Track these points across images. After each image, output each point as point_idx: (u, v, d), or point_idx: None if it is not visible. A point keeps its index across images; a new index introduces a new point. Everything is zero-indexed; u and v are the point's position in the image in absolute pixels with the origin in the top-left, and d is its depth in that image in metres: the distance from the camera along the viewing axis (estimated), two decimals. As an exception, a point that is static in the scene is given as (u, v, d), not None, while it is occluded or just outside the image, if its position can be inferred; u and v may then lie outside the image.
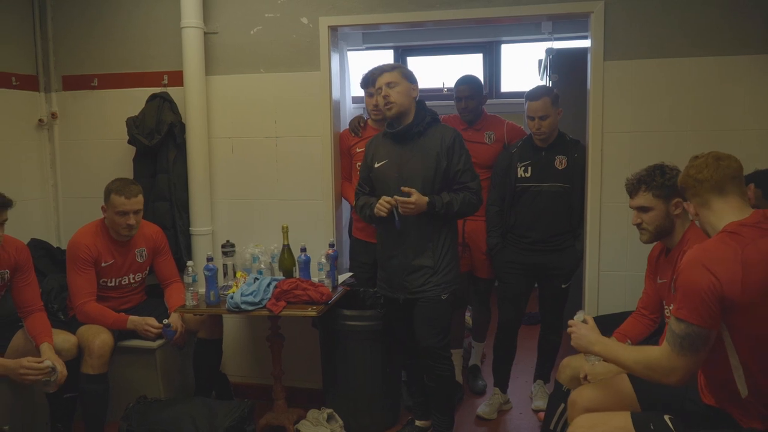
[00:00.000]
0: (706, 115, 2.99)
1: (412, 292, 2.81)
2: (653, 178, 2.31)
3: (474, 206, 2.82)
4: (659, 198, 2.30)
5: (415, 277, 2.80)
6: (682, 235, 2.32)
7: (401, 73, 2.79)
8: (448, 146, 2.76)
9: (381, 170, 2.85)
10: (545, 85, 3.81)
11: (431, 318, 2.81)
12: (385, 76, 2.77)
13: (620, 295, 3.08)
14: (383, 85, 2.77)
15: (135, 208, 3.02)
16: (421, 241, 2.78)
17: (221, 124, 3.49)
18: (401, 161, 2.80)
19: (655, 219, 2.32)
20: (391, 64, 2.84)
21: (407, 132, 2.79)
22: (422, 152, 2.78)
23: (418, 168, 2.76)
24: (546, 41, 4.96)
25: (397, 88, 2.76)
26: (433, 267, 2.78)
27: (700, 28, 2.96)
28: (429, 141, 2.78)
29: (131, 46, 3.56)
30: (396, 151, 2.82)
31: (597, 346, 2.05)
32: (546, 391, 3.34)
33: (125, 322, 3.02)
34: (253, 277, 3.02)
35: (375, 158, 2.89)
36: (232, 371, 3.56)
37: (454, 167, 2.77)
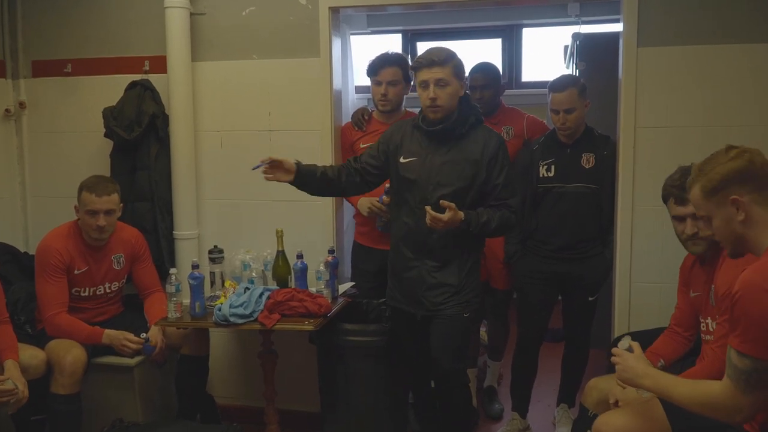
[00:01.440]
0: (753, 109, 3.00)
1: (430, 309, 2.78)
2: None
3: (512, 226, 2.79)
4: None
5: (435, 294, 2.76)
6: None
7: (454, 69, 2.67)
8: (491, 156, 2.70)
9: (407, 168, 2.77)
10: (571, 75, 3.83)
11: (450, 336, 2.78)
12: (435, 70, 2.64)
13: (655, 310, 3.08)
14: (431, 81, 2.65)
15: (106, 207, 3.03)
16: (447, 257, 2.74)
17: (209, 116, 3.51)
18: (433, 163, 2.72)
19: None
20: (444, 55, 2.66)
21: (447, 132, 2.72)
22: (460, 158, 2.70)
23: (453, 176, 2.69)
24: (573, 25, 4.97)
25: (448, 88, 2.65)
26: (457, 286, 2.75)
27: (747, 11, 2.96)
28: (470, 146, 2.71)
29: (109, 28, 3.58)
30: (429, 150, 2.74)
31: (646, 379, 2.02)
32: (570, 417, 3.34)
33: (100, 337, 3.04)
34: (243, 286, 3.04)
35: (400, 151, 2.80)
36: (219, 392, 3.57)
37: (494, 180, 2.71)
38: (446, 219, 2.56)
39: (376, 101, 3.37)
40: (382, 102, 3.32)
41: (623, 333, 3.08)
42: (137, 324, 3.18)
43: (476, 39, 5.52)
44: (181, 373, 3.23)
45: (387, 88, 3.28)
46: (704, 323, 2.39)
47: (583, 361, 3.42)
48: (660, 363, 2.51)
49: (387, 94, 3.28)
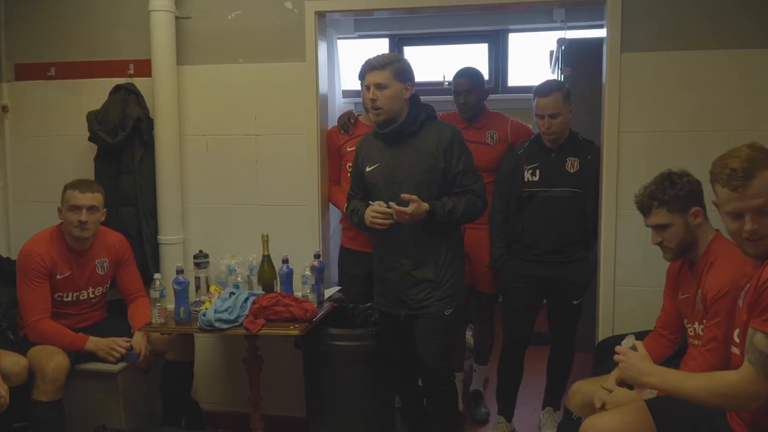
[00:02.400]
0: (737, 114, 3.02)
1: (413, 307, 2.83)
2: (664, 192, 2.34)
3: (479, 210, 2.84)
4: (675, 212, 2.33)
5: (416, 291, 2.82)
6: (707, 245, 2.36)
7: (392, 73, 2.76)
8: (446, 146, 2.78)
9: (373, 175, 2.87)
10: (556, 80, 3.85)
11: (433, 335, 2.82)
12: (374, 74, 2.76)
13: (638, 313, 3.09)
14: (371, 85, 2.76)
15: (89, 203, 3.02)
16: (422, 252, 2.81)
17: (194, 120, 3.50)
18: (394, 164, 2.82)
19: (677, 235, 2.35)
20: (382, 60, 2.78)
21: (399, 133, 2.81)
22: (417, 154, 2.79)
23: (413, 171, 2.78)
24: (558, 30, 5.01)
25: (387, 91, 2.75)
26: (435, 281, 2.81)
27: (729, 17, 3.00)
28: (424, 141, 2.80)
29: (93, 31, 3.57)
30: (388, 153, 2.85)
31: (652, 377, 2.02)
32: (555, 420, 3.36)
33: (84, 343, 3.02)
34: (228, 291, 3.03)
35: (366, 161, 2.91)
36: (204, 397, 3.55)
37: (454, 169, 2.79)
38: (410, 211, 2.66)
39: (366, 106, 3.37)
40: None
41: (609, 336, 3.12)
42: (121, 330, 3.16)
43: (463, 44, 5.54)
44: (166, 378, 3.21)
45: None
46: (691, 328, 2.41)
47: (568, 365, 3.43)
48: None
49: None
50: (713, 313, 2.24)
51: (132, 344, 3.03)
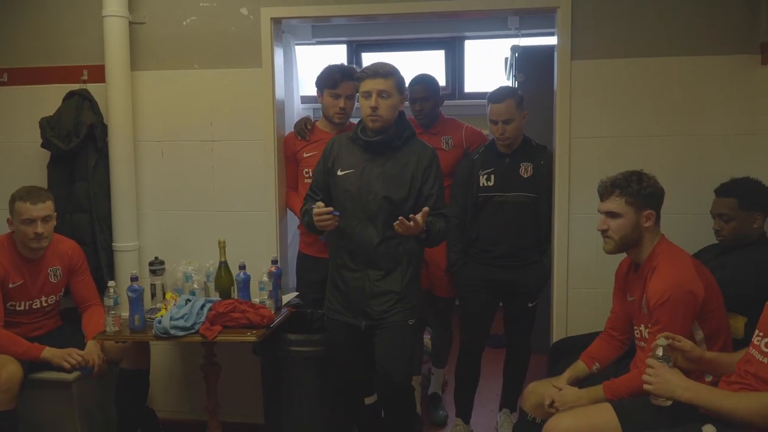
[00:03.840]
0: (684, 120, 3.10)
1: (375, 318, 2.79)
2: (629, 184, 2.39)
3: (449, 237, 2.90)
4: (631, 206, 2.39)
5: (380, 302, 2.78)
6: (652, 249, 2.41)
7: (395, 83, 2.74)
8: (426, 167, 2.77)
9: (344, 180, 2.81)
10: (509, 86, 3.90)
11: (395, 344, 2.79)
12: (378, 81, 2.70)
13: (591, 315, 3.13)
14: (374, 92, 2.70)
15: (43, 214, 2.97)
16: (390, 265, 2.78)
17: (149, 126, 3.46)
18: (370, 175, 2.77)
19: (623, 228, 2.40)
20: (387, 69, 2.74)
21: (385, 144, 2.77)
22: (396, 169, 2.76)
23: (390, 186, 2.74)
24: (513, 38, 5.08)
25: (389, 100, 2.72)
26: (400, 292, 2.78)
27: (675, 26, 3.07)
28: (404, 157, 2.78)
29: (46, 37, 3.51)
30: (365, 162, 2.79)
31: (687, 392, 2.00)
32: (512, 421, 3.38)
33: (39, 352, 2.95)
34: (184, 298, 3.00)
35: (338, 164, 2.84)
36: (160, 406, 3.51)
37: (428, 190, 2.77)
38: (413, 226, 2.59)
39: (332, 114, 3.36)
40: (339, 115, 3.34)
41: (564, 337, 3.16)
42: (76, 338, 3.11)
43: (420, 50, 5.58)
44: (121, 387, 3.17)
45: (346, 102, 3.31)
46: (637, 330, 2.47)
47: (524, 367, 3.47)
48: (595, 366, 2.56)
49: (345, 108, 3.32)
50: (655, 320, 2.29)
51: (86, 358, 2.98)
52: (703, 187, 2.87)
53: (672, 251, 2.39)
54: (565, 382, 2.51)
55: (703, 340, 2.29)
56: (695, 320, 2.28)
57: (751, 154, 3.03)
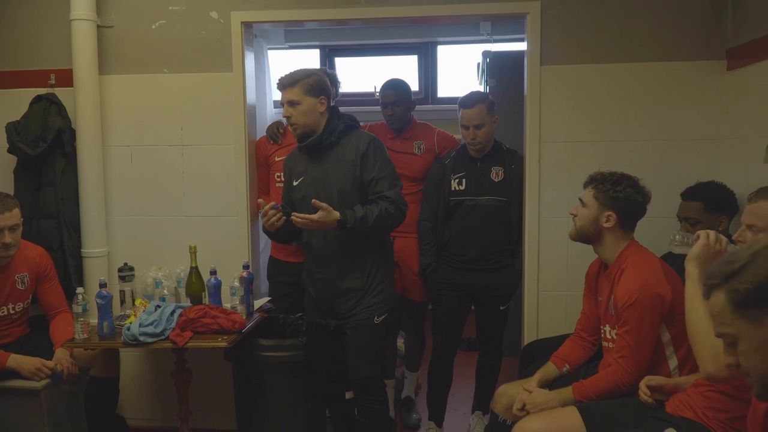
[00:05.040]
0: (651, 124, 3.14)
1: (342, 317, 2.82)
2: (603, 182, 2.44)
3: (394, 217, 2.77)
4: (596, 200, 2.43)
5: (343, 301, 2.81)
6: (621, 252, 2.42)
7: (303, 88, 2.75)
8: (363, 153, 2.78)
9: (299, 188, 2.86)
10: (480, 91, 3.89)
11: (363, 343, 2.82)
12: (286, 92, 2.76)
13: (562, 317, 3.18)
14: (284, 102, 2.76)
15: (10, 223, 2.92)
16: (347, 262, 2.80)
17: (118, 131, 3.43)
18: (317, 176, 2.82)
19: (584, 218, 2.45)
20: (293, 77, 2.77)
21: (318, 145, 2.80)
22: (337, 164, 2.80)
23: (335, 182, 2.78)
24: (485, 43, 5.10)
25: (300, 107, 2.75)
26: (363, 289, 2.80)
27: (642, 32, 3.11)
28: (344, 150, 2.80)
29: (12, 40, 3.46)
30: (311, 165, 2.85)
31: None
32: (485, 423, 3.38)
33: (5, 361, 2.91)
34: (154, 304, 2.95)
35: (293, 175, 2.91)
36: (131, 413, 3.48)
37: (368, 175, 2.78)
38: (316, 218, 2.63)
39: None
40: None
41: (535, 339, 3.17)
42: (44, 346, 3.07)
43: (393, 55, 5.57)
44: (91, 395, 3.11)
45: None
46: (603, 330, 2.48)
47: (495, 369, 3.48)
48: (565, 368, 2.58)
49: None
50: (623, 321, 2.31)
51: (55, 366, 2.93)
52: (670, 190, 2.91)
53: (641, 254, 2.41)
54: (536, 384, 2.52)
55: (670, 342, 2.32)
56: (663, 322, 2.30)
57: (717, 158, 3.08)
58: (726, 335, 1.42)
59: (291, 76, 2.78)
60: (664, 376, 2.26)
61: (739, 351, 1.39)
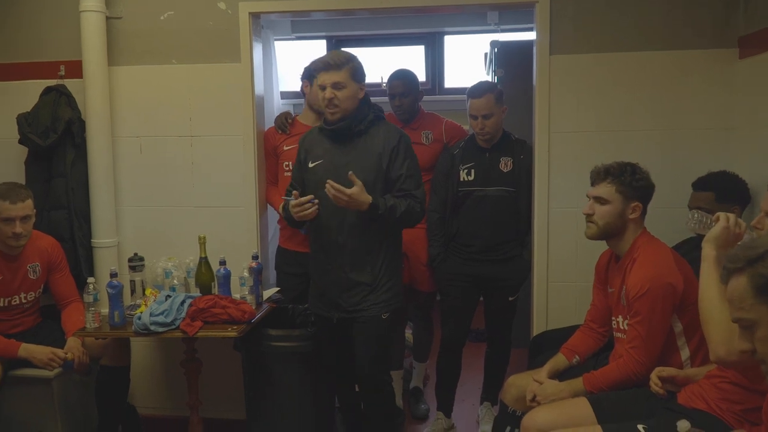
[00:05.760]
0: (662, 114, 3.11)
1: (348, 311, 2.79)
2: (623, 173, 2.41)
3: (417, 217, 2.79)
4: (621, 194, 2.40)
5: (351, 295, 2.77)
6: (633, 242, 2.41)
7: (350, 73, 2.71)
8: (392, 147, 2.73)
9: (315, 171, 2.79)
10: (488, 81, 3.89)
11: (369, 340, 2.79)
12: (331, 74, 2.69)
13: (571, 308, 3.16)
14: (328, 85, 2.69)
15: (22, 214, 2.93)
16: (360, 254, 2.75)
17: (127, 122, 3.42)
18: (339, 162, 2.75)
19: (608, 215, 2.41)
20: (339, 59, 2.71)
21: (346, 130, 2.75)
22: (363, 153, 2.74)
23: (357, 171, 2.69)
24: (492, 33, 5.07)
25: (345, 91, 2.69)
26: (371, 284, 2.76)
27: (653, 21, 3.07)
28: (371, 141, 2.75)
29: (22, 32, 3.46)
30: (333, 150, 2.78)
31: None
32: (493, 414, 3.38)
33: (16, 350, 2.92)
34: (164, 294, 2.96)
35: (309, 156, 2.83)
36: (141, 402, 3.49)
37: (396, 171, 2.74)
38: (349, 192, 2.57)
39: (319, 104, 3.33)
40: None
41: (544, 330, 3.16)
42: (55, 335, 3.09)
43: (400, 46, 5.56)
44: (102, 384, 3.13)
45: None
46: (615, 321, 2.47)
47: (504, 360, 3.48)
48: (575, 359, 2.57)
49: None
50: (635, 312, 2.30)
51: (66, 354, 2.94)
52: (681, 181, 2.89)
53: (652, 244, 2.40)
54: (545, 375, 2.52)
55: (682, 332, 2.31)
56: (674, 312, 2.29)
57: (728, 148, 3.05)
58: (743, 320, 1.41)
59: (337, 57, 2.72)
60: (676, 367, 2.25)
61: (757, 337, 1.39)
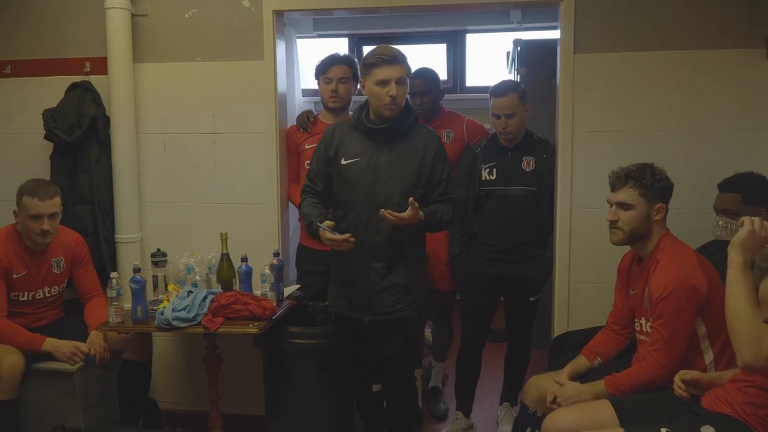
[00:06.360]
0: (687, 114, 3.07)
1: (381, 312, 2.72)
2: (643, 176, 2.38)
3: (457, 221, 2.78)
4: (644, 198, 2.37)
5: (385, 296, 2.70)
6: (656, 243, 2.39)
7: (407, 69, 2.66)
8: (435, 152, 2.70)
9: (349, 169, 2.70)
10: (512, 80, 3.87)
11: (402, 340, 2.76)
12: (395, 69, 2.59)
13: (593, 309, 3.12)
14: (392, 79, 2.58)
15: (50, 211, 2.96)
16: (393, 257, 2.69)
17: (151, 118, 3.45)
18: (378, 162, 2.67)
19: (633, 219, 2.38)
20: (401, 53, 2.63)
21: (391, 131, 2.67)
22: (403, 155, 2.67)
23: (399, 172, 2.66)
24: (515, 31, 5.04)
25: (404, 87, 2.63)
26: (406, 285, 2.71)
27: (679, 20, 3.04)
28: (411, 143, 2.69)
29: (49, 29, 3.49)
30: (371, 149, 2.69)
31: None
32: (513, 415, 3.37)
33: (40, 344, 2.95)
34: (186, 290, 2.98)
35: (341, 153, 2.73)
36: (162, 396, 3.51)
37: (438, 175, 2.70)
38: (407, 217, 2.52)
39: (325, 99, 3.36)
40: (332, 99, 3.33)
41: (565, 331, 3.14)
42: (79, 329, 3.11)
43: (422, 44, 5.55)
44: (124, 378, 3.16)
45: (337, 84, 3.31)
46: (638, 323, 2.45)
47: (524, 361, 3.45)
48: (597, 361, 2.55)
49: (337, 91, 3.31)
50: (658, 314, 2.28)
51: (89, 349, 2.97)
52: (706, 182, 2.85)
53: (676, 245, 2.37)
54: (566, 377, 2.50)
55: (705, 335, 2.28)
56: (698, 315, 2.26)
57: (755, 148, 3.01)
58: None
59: (397, 51, 2.63)
60: (700, 370, 2.23)
61: None
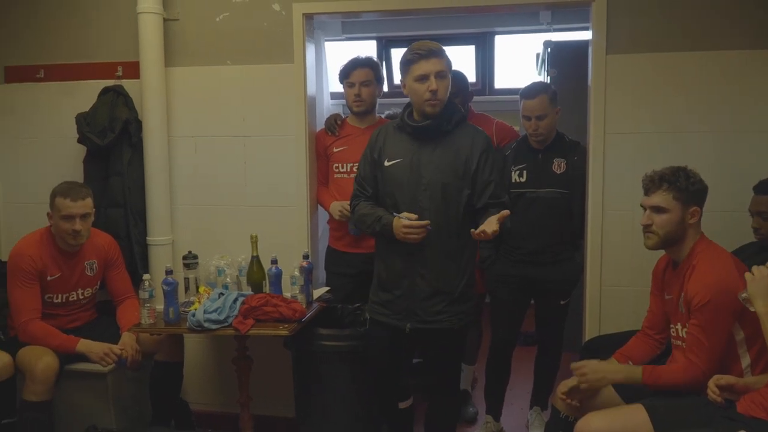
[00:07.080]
0: (720, 115, 3.03)
1: (426, 320, 2.62)
2: (677, 179, 2.34)
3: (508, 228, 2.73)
4: (679, 201, 2.34)
5: (431, 304, 2.60)
6: (692, 247, 2.35)
7: (448, 62, 2.56)
8: (482, 151, 2.59)
9: (393, 171, 2.62)
10: (542, 82, 3.85)
11: (449, 353, 2.72)
12: (434, 62, 2.49)
13: (625, 313, 3.10)
14: (431, 74, 2.49)
15: (82, 211, 3.00)
16: (445, 261, 2.59)
17: (183, 122, 3.48)
18: (421, 162, 2.58)
19: (668, 223, 2.35)
20: (440, 46, 2.54)
21: (434, 129, 2.57)
22: (447, 154, 2.57)
23: (443, 172, 2.56)
24: (545, 33, 5.01)
25: (446, 81, 2.53)
26: (453, 293, 2.60)
27: (711, 20, 3.00)
28: (457, 141, 2.59)
29: (82, 33, 3.55)
30: (414, 149, 2.60)
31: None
32: (543, 419, 3.36)
33: (74, 346, 2.98)
34: (217, 292, 3.00)
35: (384, 155, 2.65)
36: (193, 398, 3.54)
37: (486, 177, 2.58)
38: (490, 232, 2.35)
39: (349, 103, 3.37)
40: (356, 103, 3.33)
41: (596, 335, 3.11)
42: (111, 330, 3.14)
43: (450, 46, 5.44)
44: (156, 379, 3.20)
45: (360, 88, 3.30)
46: (674, 329, 2.42)
47: (555, 365, 3.43)
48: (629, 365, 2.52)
49: (360, 95, 3.31)
50: (695, 319, 2.25)
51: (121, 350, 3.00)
52: (741, 184, 2.81)
53: (712, 249, 2.34)
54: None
55: (743, 341, 2.24)
56: (736, 321, 2.23)
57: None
58: None
59: (437, 44, 2.55)
60: (736, 375, 2.19)
61: None
